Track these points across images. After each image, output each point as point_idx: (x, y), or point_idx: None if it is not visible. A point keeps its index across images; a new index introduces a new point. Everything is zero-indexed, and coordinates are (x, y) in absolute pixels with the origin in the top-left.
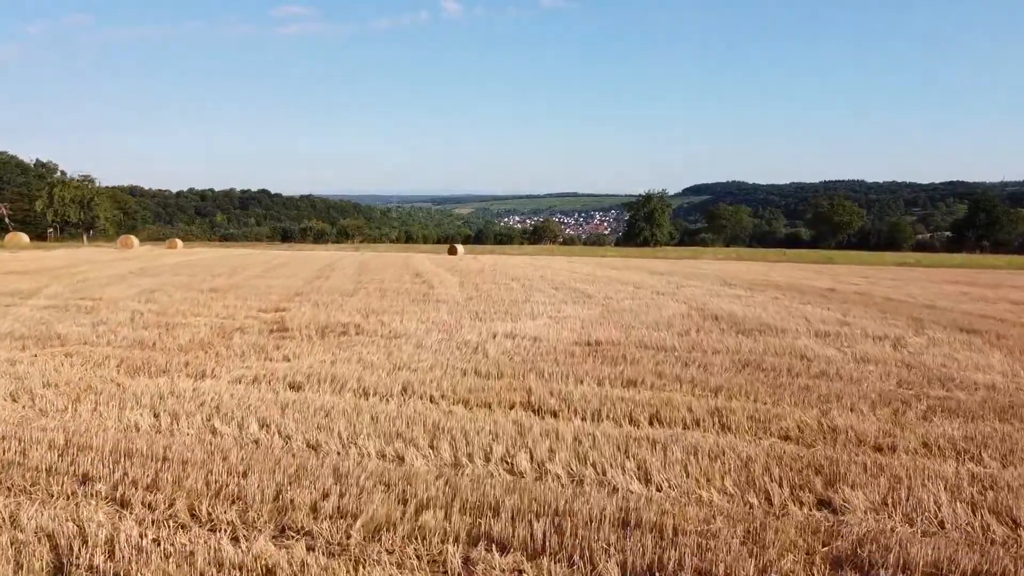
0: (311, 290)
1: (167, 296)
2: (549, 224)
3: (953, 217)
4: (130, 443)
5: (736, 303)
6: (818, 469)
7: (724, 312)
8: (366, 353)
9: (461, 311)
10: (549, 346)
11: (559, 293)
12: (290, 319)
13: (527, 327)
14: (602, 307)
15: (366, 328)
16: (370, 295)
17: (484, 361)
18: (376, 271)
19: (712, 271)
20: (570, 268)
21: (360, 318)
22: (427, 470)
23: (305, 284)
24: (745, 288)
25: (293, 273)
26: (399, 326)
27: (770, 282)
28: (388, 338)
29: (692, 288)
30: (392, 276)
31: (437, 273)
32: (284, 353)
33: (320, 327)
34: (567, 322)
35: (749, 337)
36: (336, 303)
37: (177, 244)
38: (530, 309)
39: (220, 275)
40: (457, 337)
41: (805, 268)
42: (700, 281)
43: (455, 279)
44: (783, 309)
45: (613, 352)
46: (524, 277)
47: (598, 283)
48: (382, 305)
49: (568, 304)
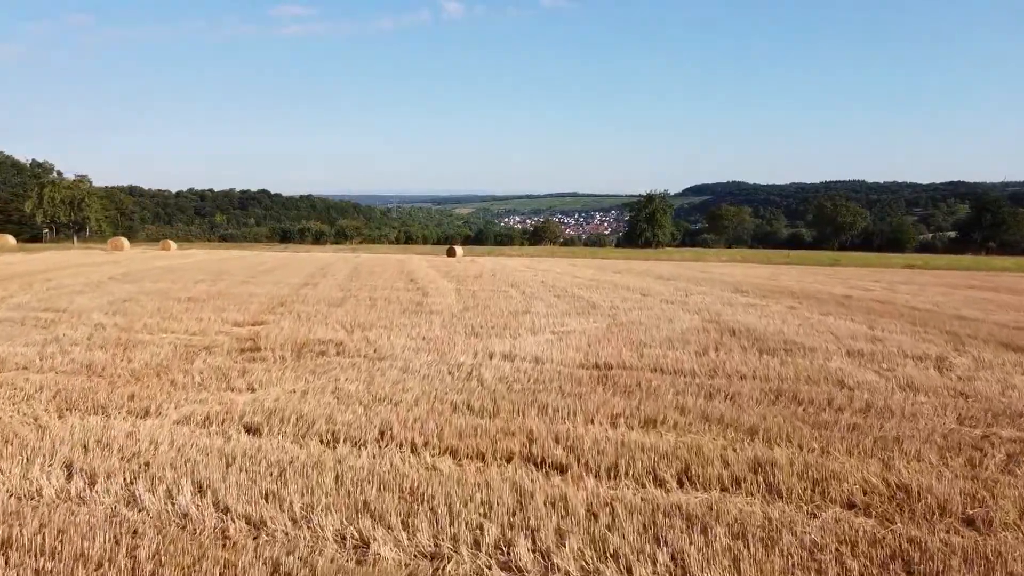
0: (296, 299)
1: (139, 307)
2: (549, 225)
3: (954, 217)
4: (12, 526)
5: (752, 314)
6: (907, 563)
7: (742, 325)
8: (344, 380)
9: (456, 325)
10: (552, 370)
11: (561, 302)
12: (266, 336)
13: (527, 345)
14: (609, 319)
15: (349, 346)
16: (359, 305)
17: (478, 391)
18: (369, 276)
19: (719, 275)
20: (572, 272)
21: (344, 334)
22: (397, 565)
23: (292, 292)
24: (758, 295)
25: (281, 279)
26: (386, 344)
27: (782, 288)
28: (372, 359)
29: (702, 296)
30: (385, 282)
31: (433, 279)
32: (249, 381)
33: (297, 346)
34: (571, 338)
35: (775, 357)
36: (320, 315)
37: (170, 246)
38: (531, 322)
39: (203, 281)
40: (449, 358)
41: (814, 272)
42: (709, 287)
43: (451, 285)
44: (804, 321)
45: (626, 379)
46: (524, 283)
47: (602, 290)
48: (370, 318)
49: (572, 315)
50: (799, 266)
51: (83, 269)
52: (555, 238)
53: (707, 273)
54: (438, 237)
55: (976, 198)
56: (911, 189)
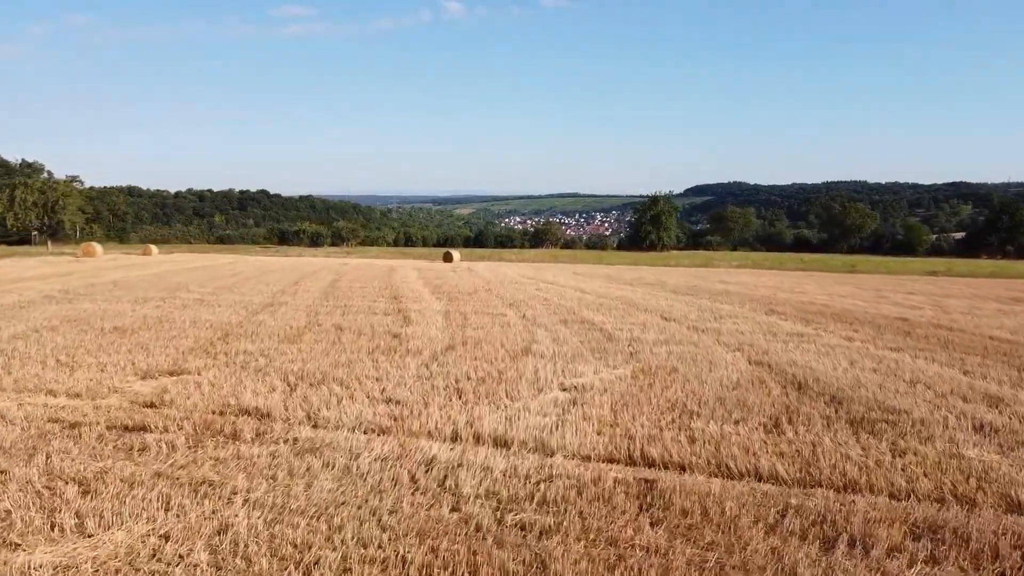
0: (246, 330)
1: (35, 345)
2: (550, 227)
3: (957, 218)
4: None
5: (807, 350)
6: None
7: (805, 372)
8: (240, 507)
9: (435, 375)
10: (569, 473)
11: (570, 331)
12: (171, 400)
13: (530, 417)
14: (632, 360)
15: (276, 423)
16: (320, 339)
17: (453, 530)
18: (347, 292)
19: (738, 286)
20: (578, 285)
21: (279, 396)
22: None
23: (247, 317)
24: (799, 318)
25: (245, 295)
26: (332, 414)
27: (819, 306)
28: (302, 452)
29: (734, 321)
30: (363, 301)
31: (419, 296)
32: (85, 510)
33: (206, 420)
34: (589, 400)
35: (880, 439)
36: (265, 358)
37: (152, 250)
38: (533, 369)
39: (151, 300)
40: (414, 448)
41: (838, 281)
42: (738, 306)
43: (439, 306)
44: (877, 363)
45: (682, 500)
46: (525, 302)
47: (615, 311)
48: (326, 363)
49: (585, 355)
50: (816, 273)
51: (19, 284)
52: (556, 240)
53: (724, 284)
54: (438, 238)
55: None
56: (913, 190)
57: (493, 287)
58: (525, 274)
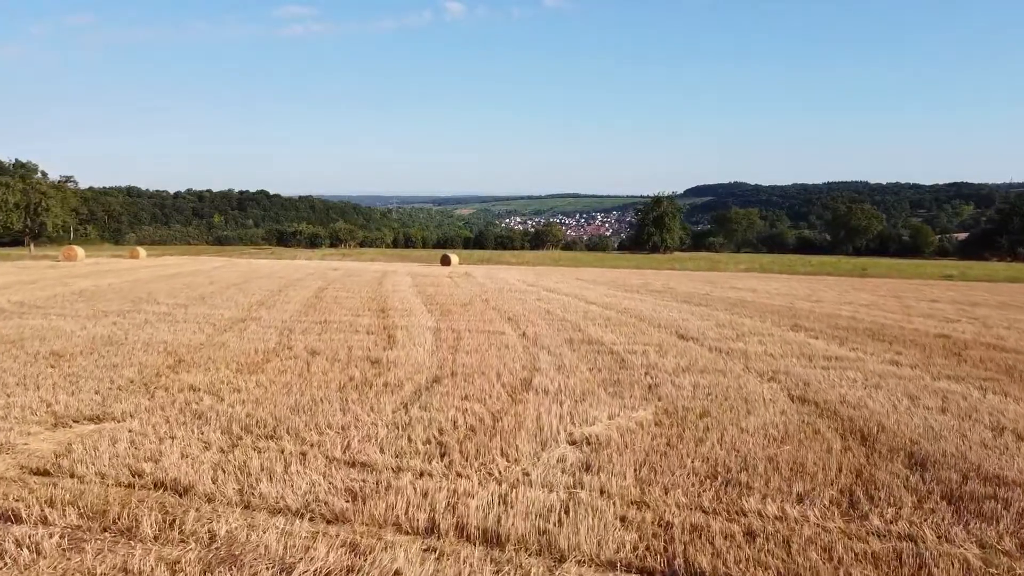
0: (203, 355)
1: None
2: (551, 228)
3: (960, 219)
4: None
5: (852, 379)
6: None
7: (859, 413)
8: None
9: (413, 425)
10: None
11: (576, 355)
12: (73, 462)
13: (529, 500)
14: (652, 397)
15: (200, 498)
16: (284, 369)
17: None
18: (331, 303)
19: (752, 295)
20: (582, 294)
21: (213, 456)
22: None
23: (210, 337)
24: (832, 336)
25: (213, 311)
26: (273, 490)
27: (847, 320)
28: (212, 565)
29: (759, 339)
30: (346, 316)
31: (409, 308)
32: None
33: (102, 501)
34: (607, 467)
35: (991, 522)
36: (213, 396)
37: (139, 253)
38: (534, 415)
39: (110, 315)
40: (372, 559)
41: (853, 286)
42: (758, 319)
43: (430, 321)
44: (942, 399)
45: None
46: (525, 316)
47: (625, 328)
48: (284, 405)
49: (597, 393)
50: (827, 277)
51: None
52: (557, 241)
53: (736, 291)
54: (438, 239)
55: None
56: (914, 190)
57: (491, 297)
58: (525, 280)
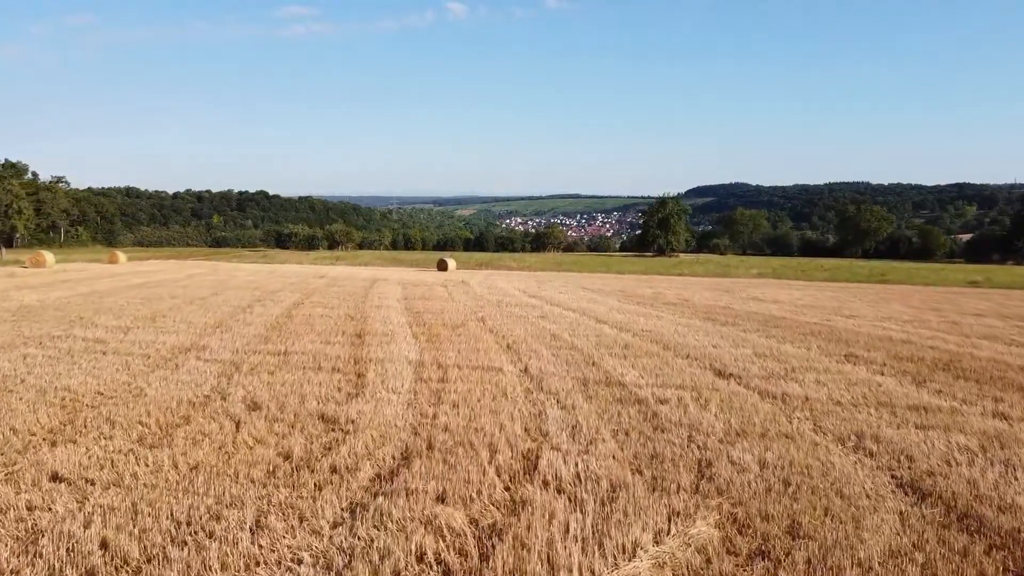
0: (108, 411)
1: None
2: (552, 230)
3: (963, 219)
4: None
5: (966, 446)
6: None
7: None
8: None
9: (356, 559)
10: None
11: (593, 408)
12: None
13: None
14: (707, 486)
15: None
16: (199, 440)
17: None
18: (302, 324)
19: (776, 307)
20: (589, 308)
21: None
22: None
23: (133, 378)
24: (903, 374)
25: (156, 337)
26: None
27: (900, 343)
28: None
29: (816, 376)
30: (313, 344)
31: (392, 334)
32: None
33: None
34: None
35: None
36: (76, 495)
37: (118, 257)
38: (543, 531)
39: (29, 342)
40: None
41: (879, 295)
42: (800, 344)
43: (413, 352)
44: None
45: None
46: (526, 343)
47: (648, 358)
48: (171, 516)
49: (631, 486)
50: (849, 285)
51: None
52: (558, 243)
53: (758, 301)
54: (438, 240)
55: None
56: (916, 191)
57: (487, 314)
58: (527, 290)
